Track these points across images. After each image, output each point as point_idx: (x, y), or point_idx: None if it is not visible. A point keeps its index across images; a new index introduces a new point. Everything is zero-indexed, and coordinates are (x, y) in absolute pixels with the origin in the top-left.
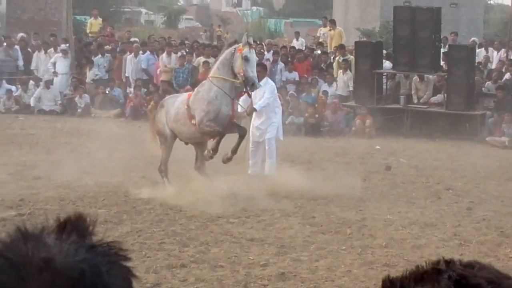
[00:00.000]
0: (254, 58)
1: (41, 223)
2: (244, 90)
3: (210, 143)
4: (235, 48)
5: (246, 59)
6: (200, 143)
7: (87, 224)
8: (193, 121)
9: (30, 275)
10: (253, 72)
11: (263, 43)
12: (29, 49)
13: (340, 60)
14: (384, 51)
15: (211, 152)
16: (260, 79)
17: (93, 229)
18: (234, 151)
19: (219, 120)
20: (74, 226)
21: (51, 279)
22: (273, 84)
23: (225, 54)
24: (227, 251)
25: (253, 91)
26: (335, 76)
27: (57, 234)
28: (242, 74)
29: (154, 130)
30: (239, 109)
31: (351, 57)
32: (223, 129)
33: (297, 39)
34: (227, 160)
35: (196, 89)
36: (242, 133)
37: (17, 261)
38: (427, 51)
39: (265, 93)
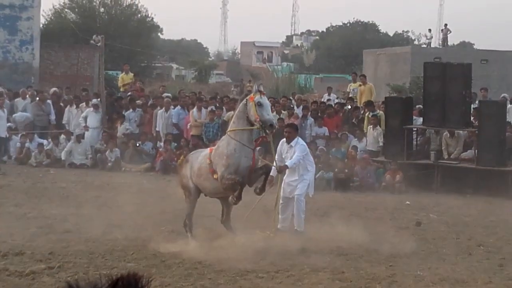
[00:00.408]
0: (267, 102)
1: (91, 281)
2: (263, 135)
3: None
4: (246, 99)
5: (259, 104)
6: (225, 198)
7: (139, 284)
8: (215, 176)
9: None
10: (268, 115)
11: (292, 98)
12: (61, 104)
13: (370, 116)
14: (415, 107)
15: (234, 199)
16: (290, 139)
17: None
18: (262, 188)
19: (239, 172)
20: (126, 284)
21: None
22: (304, 143)
23: (239, 107)
24: None
25: (272, 132)
26: (365, 131)
27: None
28: (258, 119)
29: (179, 184)
30: (273, 166)
31: (381, 113)
32: (244, 180)
33: (329, 94)
34: (260, 191)
35: (217, 143)
36: (266, 170)
37: None
38: (458, 106)
39: (295, 152)
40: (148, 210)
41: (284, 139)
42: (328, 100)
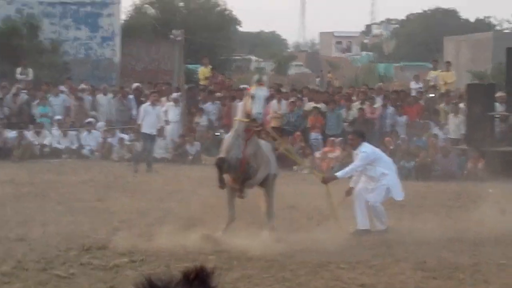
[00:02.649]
0: (260, 95)
1: (165, 275)
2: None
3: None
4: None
5: (252, 96)
6: (261, 189)
7: (211, 276)
8: None
9: None
10: (257, 109)
11: (367, 87)
12: (142, 99)
13: (445, 109)
14: (498, 93)
15: (237, 192)
16: (354, 146)
17: (216, 280)
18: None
19: (229, 160)
20: (199, 278)
21: None
22: (367, 151)
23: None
24: None
25: (259, 129)
26: (442, 122)
27: (184, 286)
28: (250, 112)
29: None
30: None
31: (459, 104)
32: (234, 171)
33: (417, 82)
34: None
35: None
36: (243, 178)
37: None
38: None
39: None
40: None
41: None
42: (420, 88)
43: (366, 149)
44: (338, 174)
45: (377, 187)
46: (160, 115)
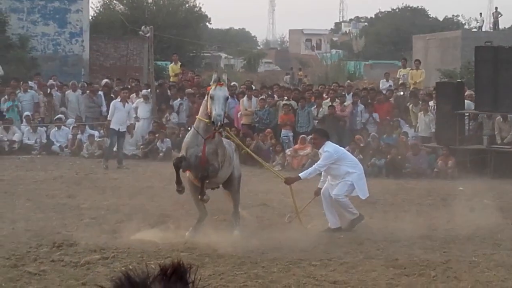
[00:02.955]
0: (219, 95)
1: (142, 270)
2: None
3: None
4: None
5: (211, 97)
6: (226, 188)
7: (188, 272)
8: None
9: None
10: (216, 110)
11: (339, 84)
12: (112, 95)
13: (414, 110)
14: (467, 92)
15: (200, 196)
16: (318, 145)
17: (192, 276)
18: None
19: (189, 157)
20: (177, 273)
21: None
22: (330, 151)
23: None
24: None
25: (220, 131)
26: (412, 122)
27: (161, 282)
28: (210, 114)
29: None
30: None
31: (429, 102)
32: (195, 170)
33: (387, 80)
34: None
35: None
36: (202, 176)
37: None
38: (511, 90)
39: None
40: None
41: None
42: (390, 87)
43: (329, 148)
44: (301, 174)
45: (340, 182)
46: (131, 112)
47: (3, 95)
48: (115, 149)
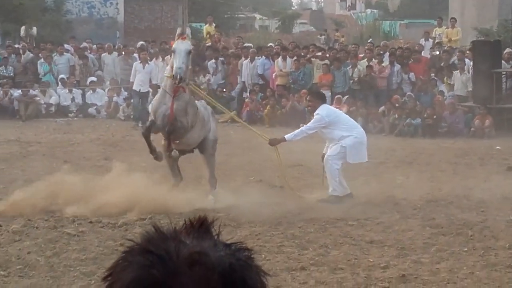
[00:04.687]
0: (181, 48)
1: (169, 224)
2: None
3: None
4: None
5: (173, 51)
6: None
7: (213, 225)
8: None
9: (180, 269)
10: (176, 63)
11: (372, 43)
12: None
13: (449, 82)
14: (504, 50)
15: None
16: (312, 108)
17: (219, 230)
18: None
19: (158, 118)
20: (204, 227)
21: (203, 273)
22: (321, 114)
23: None
24: (346, 254)
25: (181, 85)
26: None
27: (191, 234)
28: (171, 68)
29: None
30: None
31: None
32: (163, 128)
33: (427, 39)
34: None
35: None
36: (168, 130)
37: (164, 256)
38: None
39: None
40: (236, 161)
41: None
42: (432, 48)
43: (321, 111)
44: (287, 136)
45: (335, 144)
46: (153, 72)
47: (39, 58)
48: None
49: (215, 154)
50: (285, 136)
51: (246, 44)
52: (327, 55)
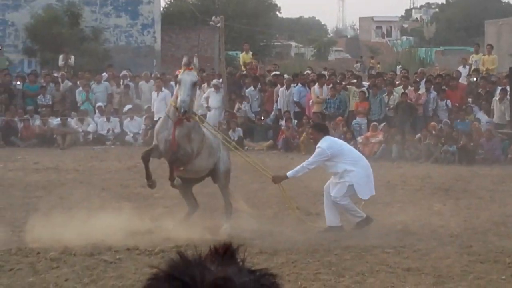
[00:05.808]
0: (186, 79)
1: (196, 252)
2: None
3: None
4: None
5: (178, 81)
6: (213, 179)
7: (238, 251)
8: None
9: None
10: (181, 96)
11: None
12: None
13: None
14: None
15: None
16: (315, 141)
17: (244, 256)
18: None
19: (160, 142)
20: (229, 253)
21: None
22: (323, 147)
23: None
24: (383, 281)
25: (185, 117)
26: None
27: (216, 260)
28: (176, 99)
29: None
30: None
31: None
32: (165, 155)
33: (464, 66)
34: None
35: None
36: (170, 159)
37: (189, 282)
38: None
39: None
40: (272, 188)
41: None
42: (469, 75)
43: (322, 144)
44: (289, 173)
45: (339, 183)
46: (167, 98)
47: (77, 87)
48: None
49: (228, 186)
50: (287, 173)
51: (274, 73)
52: (367, 82)
